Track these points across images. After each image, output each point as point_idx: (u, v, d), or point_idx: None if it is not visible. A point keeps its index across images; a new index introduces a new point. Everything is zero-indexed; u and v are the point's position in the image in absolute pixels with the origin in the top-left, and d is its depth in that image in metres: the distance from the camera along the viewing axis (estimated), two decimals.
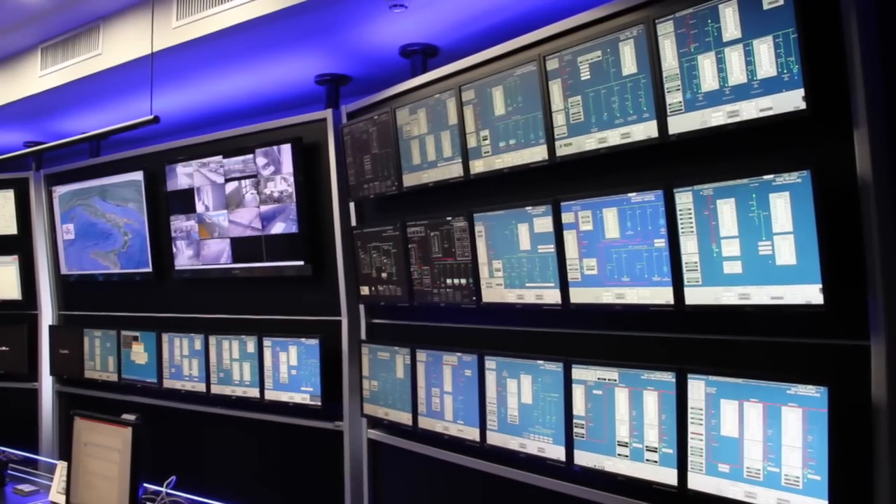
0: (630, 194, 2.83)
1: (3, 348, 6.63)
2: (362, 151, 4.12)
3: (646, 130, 2.78)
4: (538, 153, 3.18)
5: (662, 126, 2.72)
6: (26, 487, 4.11)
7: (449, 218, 3.60)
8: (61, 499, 3.66)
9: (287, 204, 4.55)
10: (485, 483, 3.61)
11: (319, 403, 4.43)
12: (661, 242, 2.75)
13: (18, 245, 6.57)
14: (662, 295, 2.75)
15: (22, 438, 5.34)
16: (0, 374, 6.65)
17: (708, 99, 2.58)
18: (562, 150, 3.08)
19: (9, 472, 4.29)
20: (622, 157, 2.92)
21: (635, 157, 2.90)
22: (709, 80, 2.58)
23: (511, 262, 3.31)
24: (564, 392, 3.11)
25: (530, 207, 3.20)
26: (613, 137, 2.89)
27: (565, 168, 3.14)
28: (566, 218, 3.06)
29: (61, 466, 3.84)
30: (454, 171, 3.58)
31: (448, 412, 3.69)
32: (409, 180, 3.85)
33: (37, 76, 5.22)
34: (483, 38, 3.91)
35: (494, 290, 3.41)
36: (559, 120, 3.08)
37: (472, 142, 3.48)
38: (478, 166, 3.46)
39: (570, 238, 3.06)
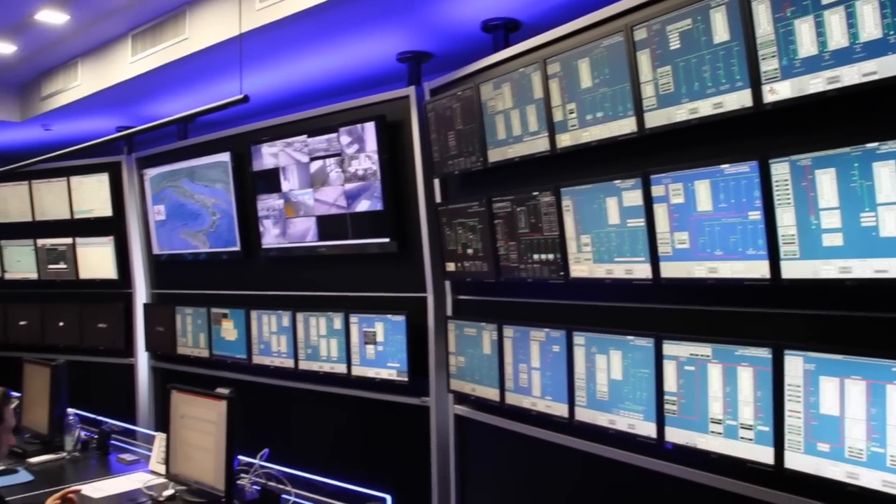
0: (723, 166, 2.76)
1: (102, 325, 6.89)
2: (446, 127, 4.12)
3: (739, 100, 2.69)
4: (626, 125, 3.12)
5: (757, 95, 2.62)
6: (128, 457, 4.27)
7: (535, 193, 3.57)
8: (161, 468, 3.79)
9: (371, 182, 4.58)
10: (572, 459, 3.59)
11: (406, 379, 4.48)
12: (756, 215, 2.66)
13: (113, 227, 6.81)
14: (757, 269, 2.67)
15: (120, 410, 5.55)
16: (99, 350, 6.93)
17: (806, 65, 2.48)
18: (651, 122, 3.01)
19: (111, 441, 4.46)
20: (714, 128, 2.84)
21: (728, 128, 2.81)
22: (807, 45, 2.47)
23: (599, 237, 3.27)
24: (655, 368, 3.06)
25: (619, 181, 3.15)
26: (705, 108, 2.80)
27: (654, 140, 3.06)
28: (656, 191, 3.00)
29: (160, 438, 3.96)
30: (540, 145, 3.54)
31: (536, 388, 3.68)
32: (494, 155, 3.82)
33: (128, 62, 5.36)
34: (566, 10, 3.83)
35: (582, 265, 3.37)
36: (648, 91, 3.01)
37: (558, 115, 3.43)
38: (564, 140, 3.42)
39: (660, 211, 3.00)
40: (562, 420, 3.54)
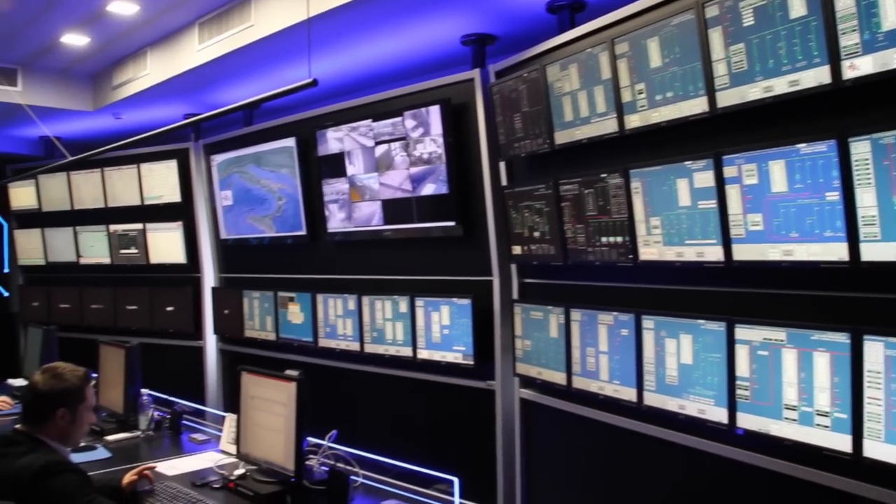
0: (799, 145, 2.68)
1: (172, 309, 7.05)
2: (512, 110, 4.09)
3: (816, 77, 2.61)
4: (697, 105, 3.05)
5: (836, 71, 2.54)
6: (199, 437, 4.36)
7: (604, 175, 3.53)
8: (231, 448, 3.86)
9: (437, 165, 4.58)
10: (641, 444, 3.55)
11: (472, 362, 4.48)
12: (833, 195, 2.58)
13: (182, 212, 6.94)
14: (835, 251, 2.60)
15: (189, 392, 5.66)
16: (169, 333, 7.08)
17: (889, 39, 2.38)
18: (723, 102, 2.94)
19: (183, 421, 4.56)
20: (789, 107, 2.75)
21: (804, 106, 2.72)
22: (891, 17, 2.37)
23: (670, 219, 3.21)
24: (727, 352, 3.00)
25: (690, 162, 3.09)
26: (780, 86, 2.73)
27: (727, 120, 2.99)
28: (728, 172, 2.93)
29: (230, 419, 4.03)
30: (608, 126, 3.49)
31: (603, 372, 3.65)
32: (561, 137, 3.78)
33: (195, 51, 5.45)
34: None
35: (652, 248, 3.32)
36: (720, 70, 2.94)
37: (626, 96, 3.38)
38: (633, 121, 3.36)
39: (732, 193, 2.93)
40: (630, 405, 3.51)
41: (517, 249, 4.21)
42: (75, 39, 5.88)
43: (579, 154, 3.75)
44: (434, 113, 4.56)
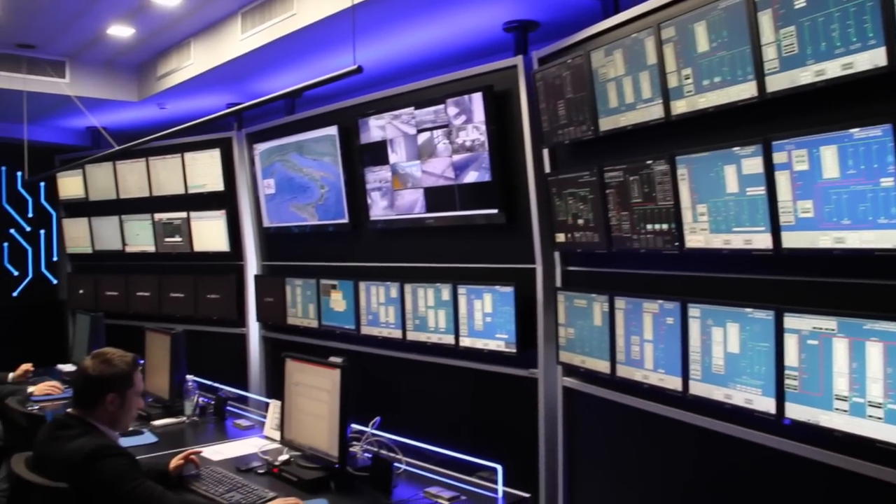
0: (852, 130, 2.62)
1: (216, 297, 7.12)
2: (556, 97, 4.06)
3: (872, 59, 2.54)
4: (746, 90, 2.99)
5: (892, 53, 2.47)
6: (243, 422, 4.40)
7: (649, 161, 3.48)
8: (275, 434, 3.89)
9: (479, 153, 4.57)
10: (686, 434, 3.52)
11: (514, 350, 4.47)
12: (888, 181, 2.52)
13: (225, 201, 7.00)
14: (890, 238, 2.53)
15: (233, 378, 5.71)
16: (213, 320, 7.16)
17: None
18: (773, 86, 2.88)
19: (227, 407, 4.61)
20: (842, 91, 2.69)
21: (857, 90, 2.66)
22: None
23: (717, 206, 3.17)
24: (775, 341, 2.95)
25: (738, 148, 3.03)
26: (833, 69, 2.66)
27: (776, 105, 2.93)
28: (778, 158, 2.88)
29: (274, 405, 4.06)
30: (654, 112, 3.45)
31: (648, 361, 3.61)
32: (606, 124, 3.75)
33: (238, 40, 5.48)
34: None
35: (698, 236, 3.28)
36: (770, 53, 2.88)
37: (673, 81, 3.33)
38: (679, 107, 3.31)
39: (782, 179, 2.88)
40: (675, 394, 3.47)
41: (561, 237, 4.18)
42: (121, 31, 5.94)
43: (624, 141, 3.71)
44: (477, 100, 4.54)
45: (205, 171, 7.06)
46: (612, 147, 3.81)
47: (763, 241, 2.98)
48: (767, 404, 3.01)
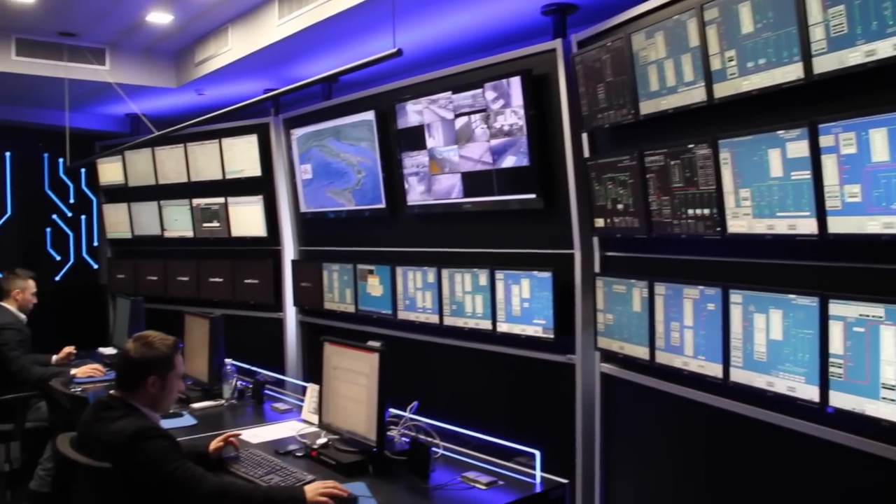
0: None
1: (253, 281, 7.17)
2: (595, 80, 4.01)
3: None
4: (792, 72, 2.93)
5: None
6: (281, 406, 4.43)
7: (691, 145, 3.43)
8: (313, 418, 3.91)
9: (518, 137, 4.53)
10: (726, 421, 3.47)
11: (552, 336, 4.44)
12: None
13: (262, 186, 7.03)
14: None
15: (270, 362, 5.75)
16: (250, 305, 7.22)
17: None
18: (820, 68, 2.82)
19: (265, 391, 4.65)
20: (893, 72, 2.62)
21: None
22: None
23: (760, 191, 3.11)
24: (820, 329, 2.90)
25: (783, 131, 2.97)
26: (885, 49, 2.59)
27: (823, 87, 2.87)
28: (825, 141, 2.81)
29: (312, 389, 4.09)
30: (696, 95, 3.39)
31: (688, 347, 3.57)
32: (647, 108, 3.69)
33: (275, 25, 5.49)
34: None
35: (741, 221, 3.22)
36: (817, 34, 2.81)
37: (715, 64, 3.27)
38: (722, 90, 3.25)
39: (828, 163, 2.81)
40: (715, 381, 3.42)
41: (600, 222, 4.14)
42: (159, 18, 5.99)
43: (665, 124, 3.66)
44: (515, 84, 4.51)
45: (242, 156, 7.10)
46: (652, 131, 3.76)
47: (808, 226, 2.92)
48: (811, 392, 2.95)
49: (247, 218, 7.19)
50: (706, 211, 3.40)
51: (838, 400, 2.84)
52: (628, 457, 4.19)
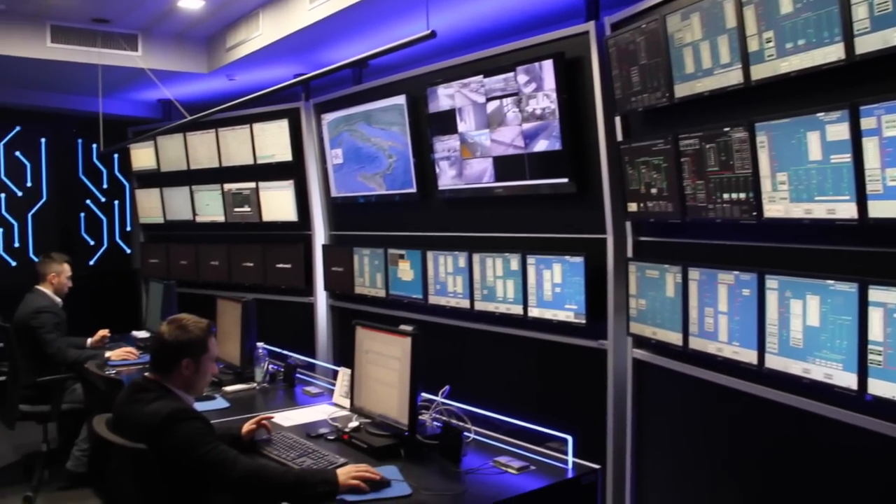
0: None
1: (284, 266, 7.21)
2: (629, 63, 3.96)
3: None
4: (832, 53, 2.86)
5: None
6: (313, 389, 4.46)
7: (727, 129, 3.37)
8: (344, 402, 3.93)
9: (550, 121, 4.50)
10: (760, 408, 3.43)
11: (584, 321, 4.42)
12: None
13: (293, 171, 7.05)
14: None
15: (301, 346, 5.77)
16: (281, 289, 7.25)
17: None
18: (862, 48, 2.75)
19: (296, 375, 4.67)
20: None
21: None
22: None
23: (798, 174, 3.05)
24: (859, 315, 2.84)
25: (822, 113, 2.91)
26: None
27: (865, 68, 2.80)
28: (866, 123, 2.75)
29: (343, 372, 4.10)
30: (732, 77, 3.33)
31: (722, 333, 3.53)
32: (682, 90, 3.64)
33: (306, 10, 5.48)
34: None
35: (778, 205, 3.17)
36: (860, 13, 2.74)
37: (753, 45, 3.21)
38: (760, 71, 3.19)
39: (870, 146, 2.75)
40: (750, 367, 3.38)
41: (633, 206, 4.09)
42: (191, 3, 6.01)
43: (700, 107, 3.60)
44: (547, 68, 4.46)
45: (273, 141, 7.12)
46: (687, 114, 3.71)
47: (847, 210, 2.86)
48: (849, 380, 2.90)
49: (278, 203, 7.22)
50: (742, 195, 3.35)
51: (877, 388, 2.79)
52: (660, 443, 4.16)
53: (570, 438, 3.09)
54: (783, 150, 3.11)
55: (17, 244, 8.52)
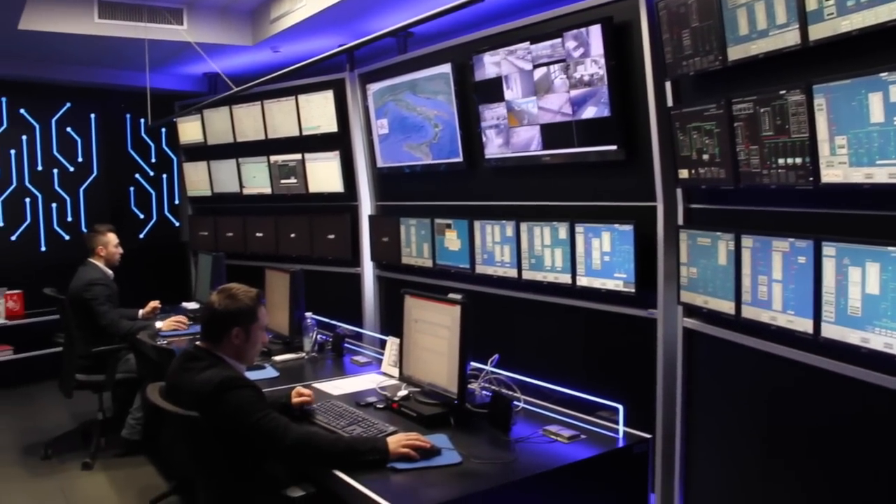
0: None
1: (331, 236, 7.24)
2: (680, 26, 3.86)
3: None
4: None
5: None
6: (361, 359, 4.49)
7: (782, 91, 3.27)
8: (393, 371, 3.94)
9: (598, 87, 4.42)
10: (815, 378, 3.35)
11: (633, 290, 4.36)
12: None
13: (339, 141, 7.05)
14: None
15: (348, 316, 5.80)
16: (328, 260, 7.29)
17: None
18: None
19: (345, 344, 4.70)
20: None
21: None
22: None
23: (859, 138, 2.95)
24: None
25: (886, 73, 2.80)
26: None
27: None
28: None
29: (391, 342, 4.12)
30: (789, 38, 3.22)
31: (776, 301, 3.45)
32: (735, 53, 3.54)
33: None
34: None
35: (836, 170, 3.07)
36: None
37: (811, 4, 3.09)
38: (818, 31, 3.08)
39: None
40: (805, 336, 3.30)
41: (684, 173, 4.01)
42: None
43: (754, 70, 3.50)
44: (595, 33, 4.38)
45: (318, 112, 7.13)
46: (740, 77, 3.61)
47: None
48: None
49: (324, 174, 7.23)
50: (798, 160, 3.26)
51: None
52: (711, 413, 4.10)
53: (620, 407, 3.06)
54: (842, 113, 3.01)
55: (69, 218, 8.67)
